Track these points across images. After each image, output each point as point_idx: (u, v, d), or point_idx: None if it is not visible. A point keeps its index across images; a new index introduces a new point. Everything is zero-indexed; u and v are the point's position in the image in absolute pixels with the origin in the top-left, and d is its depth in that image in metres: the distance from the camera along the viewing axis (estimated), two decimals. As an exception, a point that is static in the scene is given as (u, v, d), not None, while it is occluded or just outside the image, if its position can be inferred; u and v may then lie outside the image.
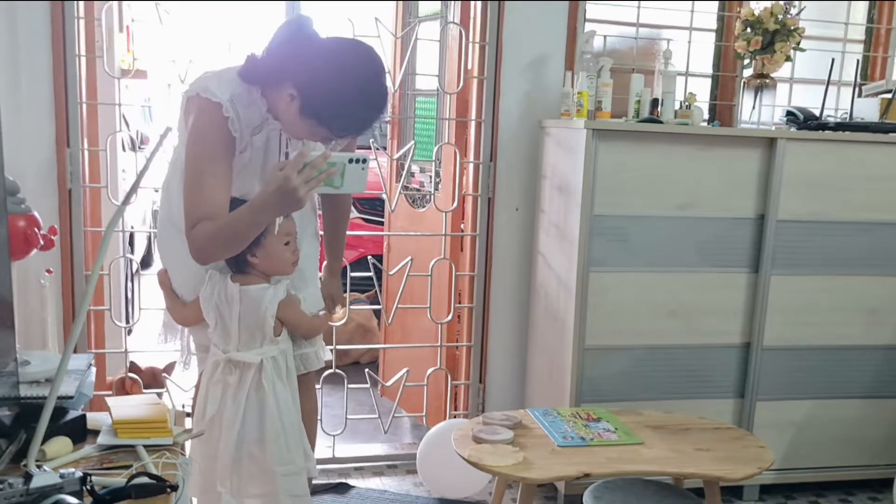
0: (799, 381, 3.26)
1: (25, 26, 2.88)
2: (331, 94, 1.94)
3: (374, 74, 2.00)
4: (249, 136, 2.07)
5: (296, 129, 2.05)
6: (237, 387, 2.14)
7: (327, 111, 1.96)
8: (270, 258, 2.12)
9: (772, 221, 3.08)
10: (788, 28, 3.19)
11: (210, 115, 1.98)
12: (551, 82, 3.34)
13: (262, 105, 2.06)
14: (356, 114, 1.98)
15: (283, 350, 2.20)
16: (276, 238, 2.11)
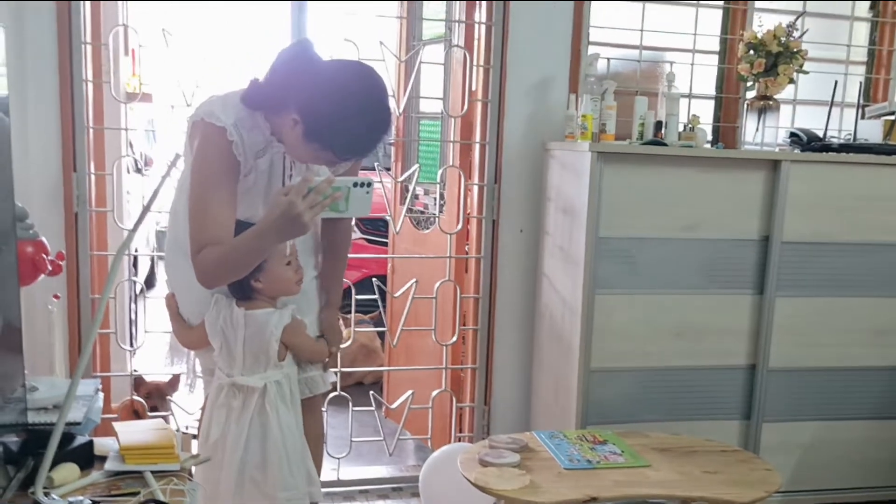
0: (805, 402, 3.26)
1: (33, 51, 2.90)
2: (333, 117, 1.94)
3: (377, 96, 2.00)
4: (253, 160, 2.07)
5: (300, 153, 2.05)
6: (241, 411, 2.14)
7: (331, 134, 1.95)
8: (274, 281, 2.13)
9: (776, 243, 3.09)
10: (791, 51, 3.21)
11: (214, 140, 1.99)
12: (555, 105, 3.35)
13: (265, 128, 2.07)
14: (360, 136, 1.98)
15: (288, 374, 2.19)
16: (277, 260, 2.11)
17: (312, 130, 1.95)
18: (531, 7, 3.29)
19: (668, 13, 3.53)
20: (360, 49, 3.19)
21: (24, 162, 2.87)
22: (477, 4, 3.37)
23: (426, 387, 3.62)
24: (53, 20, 2.91)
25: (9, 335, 1.64)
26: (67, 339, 3.02)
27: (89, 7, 3.03)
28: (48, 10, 2.90)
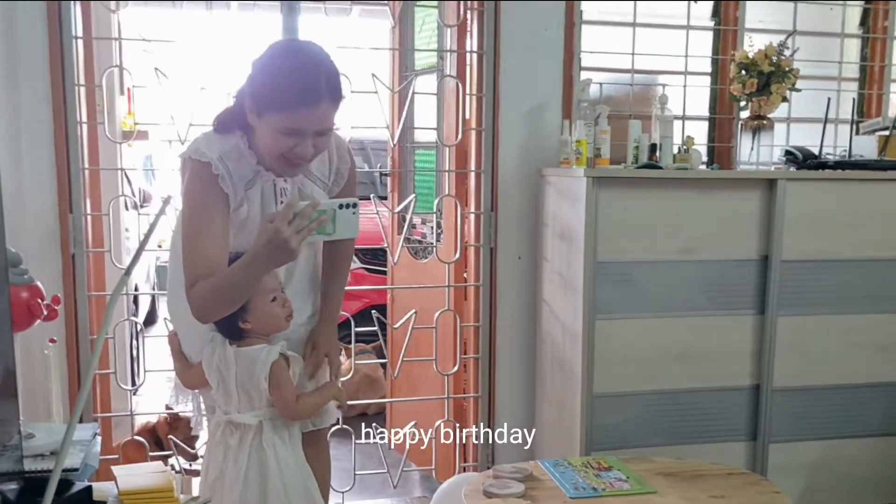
0: (811, 421, 3.23)
1: (27, 93, 2.91)
2: (266, 77, 1.99)
3: (298, 45, 2.08)
4: (244, 191, 2.09)
5: (267, 142, 2.03)
6: (237, 449, 2.13)
7: (272, 94, 1.97)
8: (262, 319, 2.11)
9: (776, 262, 3.08)
10: (783, 70, 3.22)
11: (201, 175, 2.02)
12: (549, 131, 3.36)
13: (251, 158, 2.09)
14: (293, 81, 1.97)
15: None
16: (261, 298, 2.09)
17: (257, 102, 1.99)
18: (522, 34, 3.30)
19: (658, 36, 3.55)
20: (352, 81, 3.19)
21: (20, 205, 2.87)
22: (468, 34, 3.39)
23: (429, 416, 3.59)
24: (46, 62, 2.92)
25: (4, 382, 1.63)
26: (66, 380, 3.01)
27: (82, 47, 3.04)
28: (41, 51, 2.91)
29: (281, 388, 2.13)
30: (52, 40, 2.92)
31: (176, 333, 2.28)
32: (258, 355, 2.10)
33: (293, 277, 2.26)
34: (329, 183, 2.26)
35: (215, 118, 2.12)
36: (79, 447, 1.87)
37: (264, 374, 2.10)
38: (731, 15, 3.60)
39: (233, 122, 2.09)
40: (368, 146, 7.19)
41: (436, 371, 3.52)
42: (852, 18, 3.79)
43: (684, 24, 3.54)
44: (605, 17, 3.49)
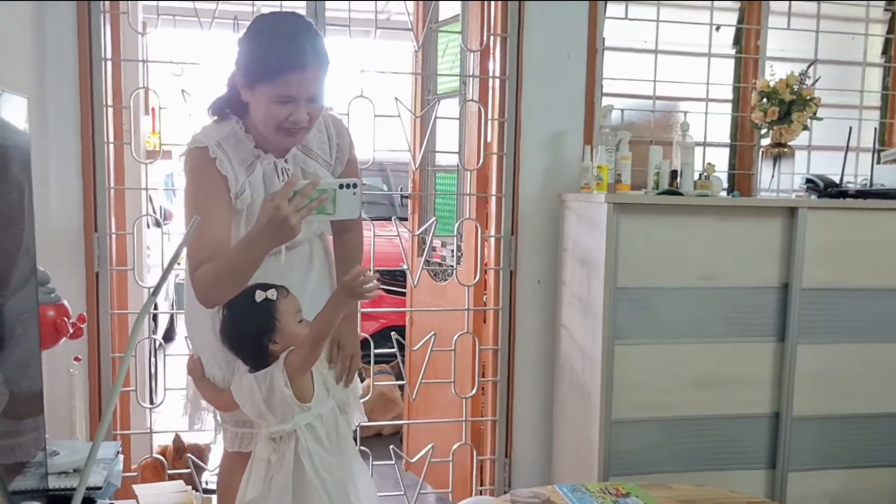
0: (831, 450, 3.21)
1: (56, 114, 2.96)
2: (252, 48, 2.03)
3: (281, 16, 2.09)
4: (245, 176, 2.12)
5: (262, 115, 2.07)
6: (280, 464, 2.12)
7: (258, 62, 2.01)
8: (288, 339, 2.09)
9: (796, 290, 3.07)
10: (804, 98, 3.22)
11: (199, 161, 2.07)
12: (570, 156, 3.37)
13: (249, 141, 2.14)
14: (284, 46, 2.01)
15: (319, 415, 2.13)
16: (290, 318, 2.09)
17: (247, 74, 2.04)
18: (544, 60, 3.33)
19: (680, 63, 3.56)
20: (375, 105, 3.23)
21: (46, 223, 2.91)
22: (490, 59, 3.42)
23: (446, 438, 3.59)
24: (76, 83, 2.97)
25: (30, 400, 1.65)
26: (88, 398, 3.03)
27: (111, 69, 3.09)
28: (71, 74, 2.96)
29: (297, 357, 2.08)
30: (81, 62, 2.97)
31: (198, 359, 2.28)
32: (273, 370, 2.08)
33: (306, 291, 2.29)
34: (332, 162, 2.29)
35: (209, 105, 2.16)
36: (102, 465, 1.89)
37: (284, 380, 2.07)
38: (753, 43, 3.61)
39: (227, 106, 2.14)
40: (388, 168, 7.22)
41: (454, 393, 3.52)
42: (874, 47, 3.79)
43: (706, 52, 3.55)
44: (628, 44, 3.51)
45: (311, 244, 2.33)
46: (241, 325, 2.08)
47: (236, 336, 2.10)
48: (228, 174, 2.08)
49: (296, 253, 2.27)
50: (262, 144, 2.14)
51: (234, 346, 2.11)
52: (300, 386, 2.11)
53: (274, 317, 2.06)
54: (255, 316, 2.06)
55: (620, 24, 3.45)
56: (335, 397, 2.29)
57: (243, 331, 2.08)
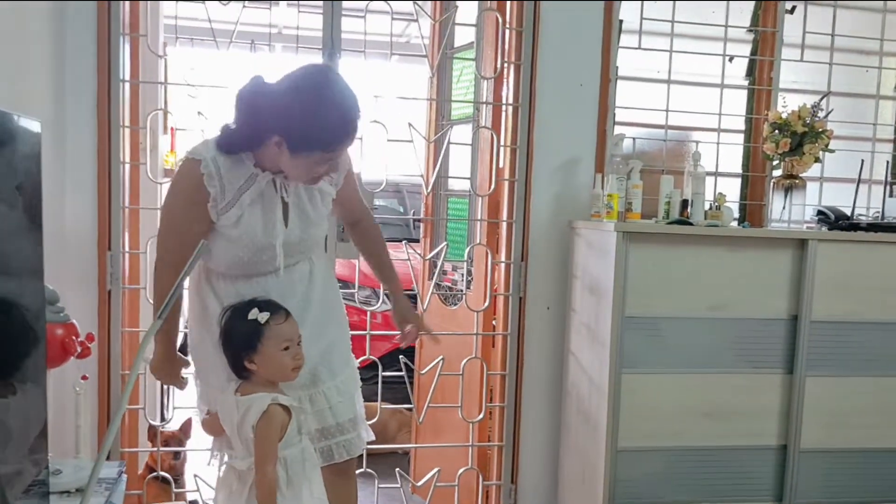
0: (839, 484, 3.19)
1: (74, 133, 3.00)
2: (304, 118, 2.04)
3: (334, 85, 2.10)
4: (237, 195, 2.17)
5: (297, 171, 2.14)
6: (240, 492, 2.15)
7: (311, 135, 2.05)
8: (267, 364, 2.13)
9: (805, 322, 3.06)
10: (816, 130, 3.22)
11: (188, 171, 2.15)
12: (581, 184, 3.39)
13: (248, 161, 2.18)
14: (335, 123, 2.06)
15: (283, 458, 2.15)
16: (274, 343, 2.12)
17: (294, 142, 2.06)
18: (557, 88, 3.35)
19: (693, 93, 3.57)
20: (388, 130, 3.26)
21: (61, 241, 2.95)
22: (504, 86, 3.44)
23: (453, 462, 3.59)
24: (94, 104, 3.01)
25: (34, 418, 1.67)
26: (97, 416, 3.05)
27: (129, 90, 3.13)
28: (90, 95, 3.00)
29: (259, 439, 2.10)
30: (100, 84, 3.01)
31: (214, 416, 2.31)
32: (252, 403, 2.11)
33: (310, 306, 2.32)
34: (333, 176, 2.32)
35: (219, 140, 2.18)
36: (104, 485, 1.90)
37: (253, 422, 2.10)
38: (766, 75, 3.62)
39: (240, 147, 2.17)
40: (405, 189, 7.25)
41: (461, 418, 3.52)
42: (888, 80, 3.79)
43: (719, 83, 3.56)
44: (641, 74, 3.52)
45: (312, 260, 2.36)
46: (231, 333, 2.16)
47: (225, 340, 2.17)
48: (213, 191, 2.14)
49: (295, 270, 2.31)
50: (261, 164, 2.18)
51: (223, 347, 2.18)
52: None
53: (258, 338, 2.11)
54: (241, 330, 2.13)
55: (634, 53, 3.47)
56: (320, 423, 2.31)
57: (230, 339, 2.16)
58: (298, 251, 2.30)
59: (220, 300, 2.27)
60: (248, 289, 2.25)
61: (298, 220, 2.27)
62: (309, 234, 2.29)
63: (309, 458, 2.22)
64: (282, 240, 2.22)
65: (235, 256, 2.21)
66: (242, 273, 2.25)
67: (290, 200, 2.25)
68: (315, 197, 2.29)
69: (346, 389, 2.38)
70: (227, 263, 2.24)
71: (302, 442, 2.22)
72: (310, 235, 2.29)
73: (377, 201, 3.37)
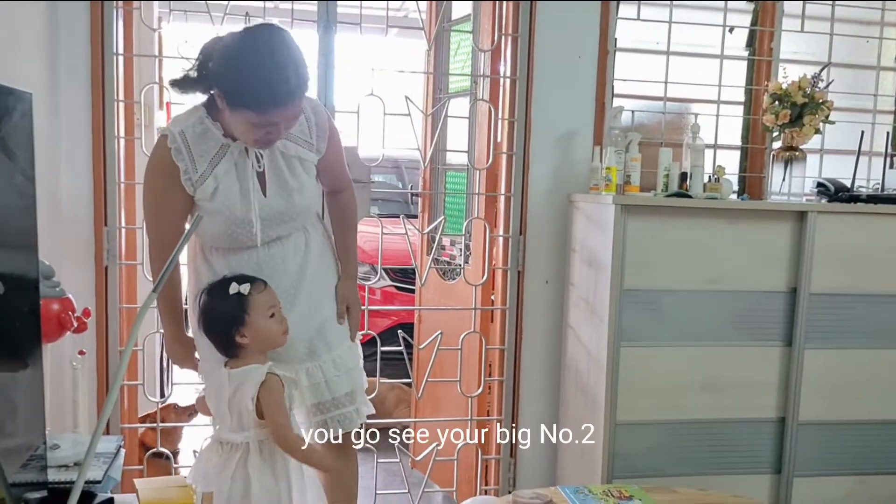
0: (837, 456, 3.20)
1: (67, 108, 2.98)
2: (237, 73, 2.03)
3: (269, 43, 2.07)
4: (210, 168, 2.17)
5: (239, 130, 2.12)
6: (222, 468, 2.17)
7: (241, 90, 2.03)
8: (258, 334, 2.15)
9: (804, 295, 3.06)
10: (817, 101, 3.20)
11: (158, 146, 2.19)
12: (580, 157, 3.37)
13: (217, 131, 2.17)
14: (263, 81, 2.02)
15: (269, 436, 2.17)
16: (260, 312, 2.14)
17: (229, 96, 2.06)
18: (556, 60, 3.32)
19: (692, 65, 3.54)
20: (385, 103, 3.24)
21: (57, 217, 2.94)
22: (501, 59, 3.41)
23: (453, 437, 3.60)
24: (88, 78, 2.98)
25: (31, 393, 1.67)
26: (96, 391, 3.05)
27: (122, 64, 3.11)
28: (83, 69, 2.98)
29: (270, 409, 2.14)
30: (94, 56, 2.98)
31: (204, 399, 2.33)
32: (247, 376, 2.13)
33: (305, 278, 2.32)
34: (313, 142, 2.31)
35: (174, 81, 2.19)
36: (102, 459, 1.90)
37: (251, 394, 2.12)
38: (766, 45, 3.59)
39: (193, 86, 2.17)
40: (403, 165, 7.23)
41: (460, 392, 3.52)
42: (889, 51, 3.76)
43: (718, 54, 3.53)
44: (639, 45, 3.50)
45: (307, 231, 2.35)
46: (214, 313, 2.17)
47: (209, 322, 2.18)
48: (182, 164, 2.15)
49: (289, 242, 2.30)
50: (230, 134, 2.17)
51: (207, 330, 2.19)
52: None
53: (244, 310, 2.12)
54: (226, 307, 2.14)
55: (632, 25, 3.43)
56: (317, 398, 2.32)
57: (215, 319, 2.17)
58: (285, 221, 2.27)
59: (214, 273, 2.27)
60: (240, 262, 2.25)
61: (278, 189, 2.25)
62: (293, 202, 2.26)
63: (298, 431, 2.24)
64: (258, 210, 2.20)
65: (218, 229, 2.20)
66: (230, 245, 2.25)
67: (267, 169, 2.23)
68: (294, 164, 2.27)
69: (342, 363, 2.38)
70: (212, 236, 2.24)
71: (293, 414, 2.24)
72: (294, 204, 2.26)
73: (375, 176, 3.35)
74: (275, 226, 2.25)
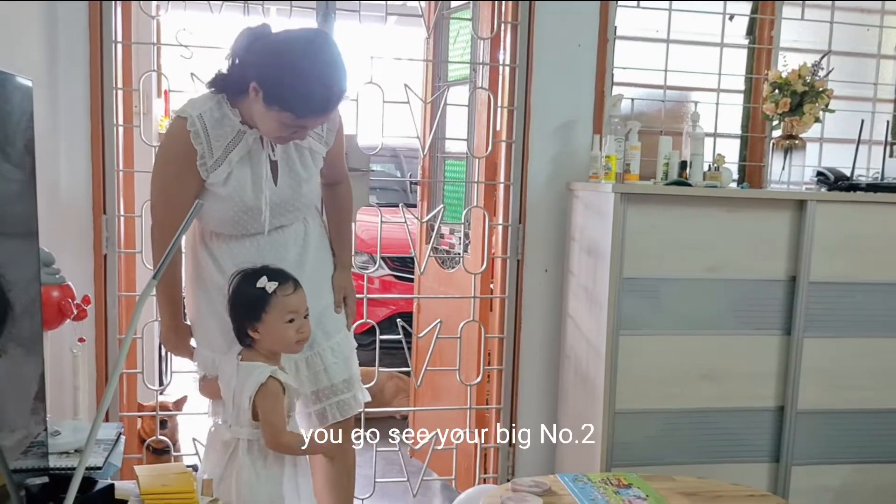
0: (836, 445, 3.20)
1: (66, 95, 2.97)
2: (287, 76, 2.03)
3: (327, 54, 2.08)
4: (224, 154, 2.17)
5: (267, 125, 2.11)
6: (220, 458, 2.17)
7: (287, 93, 2.03)
8: (270, 334, 2.12)
9: (804, 283, 3.06)
10: (817, 90, 3.19)
11: (176, 129, 2.16)
12: (579, 145, 3.36)
13: (235, 117, 2.17)
14: (314, 91, 2.04)
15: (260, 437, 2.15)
16: (278, 314, 2.11)
17: (270, 93, 2.05)
18: (555, 49, 3.31)
19: (692, 53, 3.54)
20: (385, 91, 3.23)
21: (56, 205, 2.93)
22: (501, 47, 3.40)
23: (451, 425, 3.60)
24: (86, 66, 2.98)
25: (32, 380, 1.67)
26: (95, 379, 3.05)
27: (121, 51, 3.10)
28: (82, 56, 2.97)
29: (265, 412, 2.11)
30: (92, 44, 2.97)
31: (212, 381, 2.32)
32: (252, 372, 2.11)
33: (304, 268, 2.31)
34: (323, 135, 2.32)
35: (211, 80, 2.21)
36: (103, 446, 1.90)
37: (250, 393, 2.10)
38: (767, 34, 3.58)
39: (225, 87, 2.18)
40: (401, 154, 7.22)
41: (459, 381, 3.53)
42: (889, 40, 3.76)
43: (718, 42, 3.53)
44: (639, 33, 3.49)
45: (306, 221, 2.35)
46: (237, 298, 2.15)
47: (231, 304, 2.16)
48: (200, 148, 2.14)
49: (289, 231, 2.30)
50: (248, 121, 2.17)
51: (230, 312, 2.17)
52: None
53: (263, 308, 2.10)
54: (248, 297, 2.12)
55: (632, 12, 3.43)
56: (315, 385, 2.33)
57: (236, 304, 2.15)
58: (290, 210, 2.28)
59: (214, 259, 2.27)
60: (241, 249, 2.25)
61: (288, 179, 2.26)
62: (300, 192, 2.27)
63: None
64: (268, 198, 2.21)
65: (226, 215, 2.20)
66: (235, 232, 2.25)
67: (279, 158, 2.24)
68: (305, 155, 2.28)
69: (340, 350, 2.38)
70: (218, 222, 2.23)
71: (288, 424, 2.20)
72: (301, 194, 2.28)
73: (374, 165, 3.34)
74: (280, 215, 2.26)
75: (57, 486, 1.68)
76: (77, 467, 1.59)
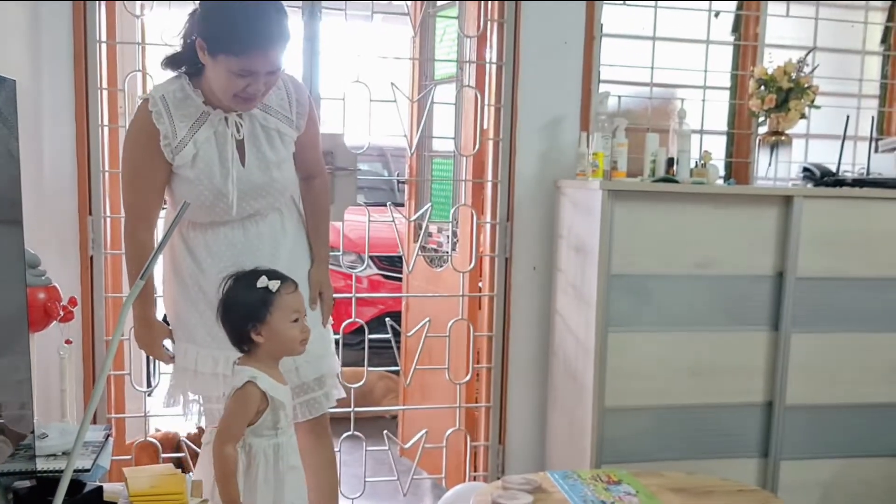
0: (824, 440, 3.22)
1: (50, 96, 2.95)
2: (215, 13, 2.07)
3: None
4: (189, 133, 2.18)
5: (219, 83, 2.12)
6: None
7: (218, 31, 2.06)
8: (276, 336, 2.03)
9: (791, 279, 3.07)
10: (802, 86, 3.21)
11: (139, 111, 2.19)
12: (566, 143, 3.36)
13: (197, 97, 2.19)
14: (241, 21, 2.04)
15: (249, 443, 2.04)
16: (282, 315, 2.02)
17: (209, 41, 2.07)
18: (542, 46, 3.31)
19: (678, 50, 3.55)
20: (371, 90, 3.22)
21: (41, 206, 2.91)
22: (487, 45, 3.40)
23: (441, 424, 3.60)
24: (70, 65, 2.96)
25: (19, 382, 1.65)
26: (82, 381, 3.04)
27: (106, 51, 3.08)
28: (66, 56, 2.95)
29: (229, 412, 2.01)
30: (76, 44, 2.96)
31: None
32: (237, 373, 2.03)
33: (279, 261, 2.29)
34: (293, 118, 2.32)
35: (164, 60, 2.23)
36: (91, 448, 1.89)
37: (229, 392, 2.03)
38: (752, 30, 3.59)
39: (183, 63, 2.20)
40: (388, 153, 7.21)
41: (448, 380, 3.52)
42: (873, 36, 3.78)
43: (704, 39, 3.54)
44: (626, 31, 3.49)
45: (282, 213, 2.34)
46: (234, 302, 2.05)
47: (227, 309, 2.06)
48: (163, 128, 2.15)
49: (264, 222, 2.29)
50: (211, 101, 2.18)
51: (224, 318, 2.07)
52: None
53: (267, 308, 2.01)
54: (249, 299, 2.02)
55: (618, 10, 3.43)
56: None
57: (235, 308, 2.04)
58: (262, 196, 2.27)
59: (189, 251, 2.26)
60: (216, 238, 2.25)
61: (257, 161, 2.25)
62: (271, 177, 2.26)
63: (284, 457, 2.09)
64: (234, 178, 2.20)
65: (197, 200, 2.19)
66: (207, 220, 2.25)
67: (246, 138, 2.24)
68: (273, 136, 2.28)
69: (312, 350, 2.33)
70: (191, 209, 2.20)
71: (277, 437, 2.08)
72: (273, 179, 2.27)
73: (361, 164, 3.33)
74: (251, 200, 2.25)
75: (45, 489, 1.68)
76: (65, 470, 1.59)
